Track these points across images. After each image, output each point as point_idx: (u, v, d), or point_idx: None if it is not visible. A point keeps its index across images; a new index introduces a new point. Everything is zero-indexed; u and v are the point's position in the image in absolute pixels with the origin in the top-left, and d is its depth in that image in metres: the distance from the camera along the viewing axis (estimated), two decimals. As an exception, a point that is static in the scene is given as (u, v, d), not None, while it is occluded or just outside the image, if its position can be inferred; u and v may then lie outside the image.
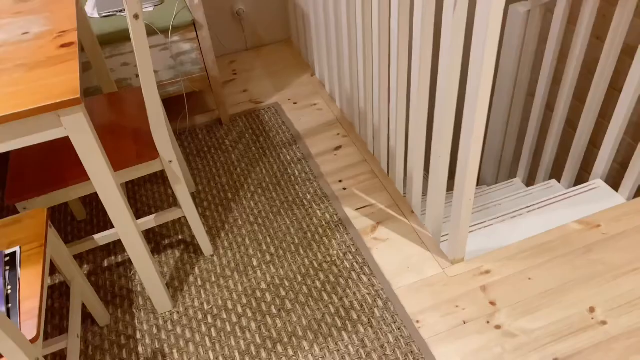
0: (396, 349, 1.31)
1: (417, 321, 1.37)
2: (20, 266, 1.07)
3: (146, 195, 1.84)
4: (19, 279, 1.04)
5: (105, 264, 1.61)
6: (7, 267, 1.06)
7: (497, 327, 1.34)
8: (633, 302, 1.36)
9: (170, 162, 1.37)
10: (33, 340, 0.94)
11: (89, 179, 1.30)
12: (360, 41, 1.68)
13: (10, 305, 0.99)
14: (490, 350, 1.29)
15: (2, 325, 0.86)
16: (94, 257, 1.63)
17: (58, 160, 1.34)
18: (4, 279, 1.04)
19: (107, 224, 1.74)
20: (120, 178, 1.33)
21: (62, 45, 1.16)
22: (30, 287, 1.03)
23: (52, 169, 1.32)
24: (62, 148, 1.38)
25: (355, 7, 1.66)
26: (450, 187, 2.79)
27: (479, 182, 2.72)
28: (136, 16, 1.11)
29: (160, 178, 1.91)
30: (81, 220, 1.76)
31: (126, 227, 1.25)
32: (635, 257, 1.47)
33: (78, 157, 1.35)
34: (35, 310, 0.99)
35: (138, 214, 1.77)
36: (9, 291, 1.02)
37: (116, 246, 1.67)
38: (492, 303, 1.39)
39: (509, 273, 1.46)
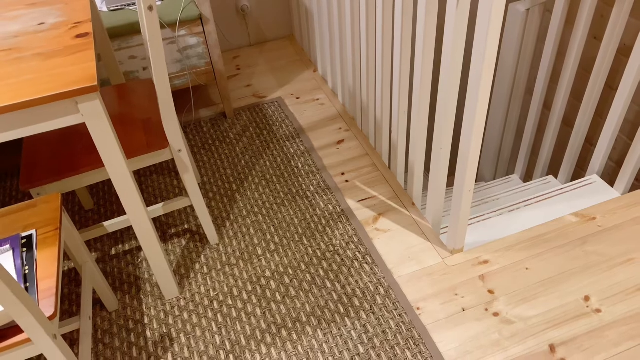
0: (397, 335, 1.36)
1: (418, 308, 1.41)
2: (36, 248, 1.10)
3: (152, 186, 1.88)
4: (35, 260, 1.08)
5: (113, 252, 1.65)
6: (24, 249, 1.10)
7: (495, 314, 1.38)
8: (626, 291, 1.41)
9: (180, 151, 1.41)
10: (51, 317, 0.98)
11: (101, 166, 1.33)
12: (364, 37, 1.73)
13: (28, 284, 1.03)
14: (488, 336, 1.34)
15: (23, 301, 0.90)
16: (102, 245, 1.67)
17: (70, 148, 1.38)
18: (22, 259, 1.07)
19: (114, 214, 1.78)
20: (131, 166, 1.37)
21: (78, 36, 1.20)
22: (47, 268, 1.06)
23: (64, 156, 1.35)
24: (74, 136, 1.42)
25: (360, 3, 1.70)
26: (449, 183, 2.84)
27: (478, 179, 2.77)
28: (150, 8, 1.15)
29: (166, 169, 1.94)
30: (89, 209, 1.80)
31: (138, 213, 1.29)
32: (629, 248, 1.51)
33: (90, 144, 1.39)
34: (53, 290, 1.02)
35: (145, 204, 1.81)
36: (27, 271, 1.05)
37: (123, 235, 1.70)
38: (491, 291, 1.44)
39: (507, 263, 1.51)
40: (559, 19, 1.91)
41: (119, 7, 1.88)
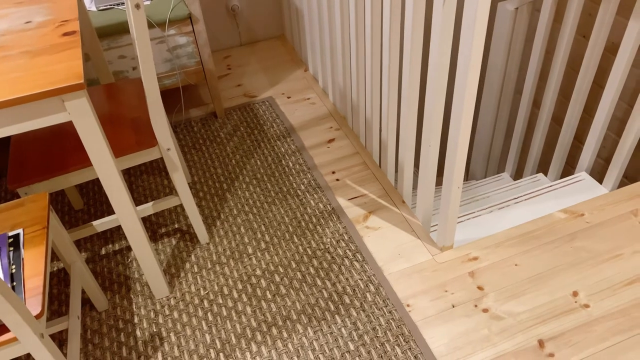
0: (387, 332, 1.36)
1: (408, 305, 1.42)
2: (23, 247, 1.10)
3: (142, 185, 1.87)
4: (22, 259, 1.07)
5: (103, 251, 1.64)
6: (11, 248, 1.09)
7: (485, 310, 1.39)
8: (614, 286, 1.42)
9: (169, 149, 1.41)
10: (38, 316, 0.98)
11: (89, 165, 1.33)
12: (354, 36, 1.73)
13: (15, 283, 1.02)
14: (478, 332, 1.34)
15: (9, 299, 0.89)
16: (92, 245, 1.66)
17: (58, 147, 1.37)
18: (9, 258, 1.07)
19: (104, 214, 1.77)
20: (119, 165, 1.36)
21: (65, 34, 1.19)
22: (34, 266, 1.06)
23: (52, 155, 1.35)
24: (62, 135, 1.41)
25: (349, 3, 1.71)
26: (438, 183, 2.85)
27: (468, 177, 2.78)
28: (137, 6, 1.15)
29: (156, 169, 1.94)
30: (78, 209, 1.79)
31: (126, 212, 1.28)
32: (616, 244, 1.52)
33: (78, 143, 1.38)
34: (40, 288, 1.02)
35: (135, 203, 1.80)
36: (13, 270, 1.05)
37: (113, 234, 1.69)
38: (480, 288, 1.44)
39: (496, 259, 1.51)
40: (547, 17, 1.93)
41: (108, 7, 1.87)
